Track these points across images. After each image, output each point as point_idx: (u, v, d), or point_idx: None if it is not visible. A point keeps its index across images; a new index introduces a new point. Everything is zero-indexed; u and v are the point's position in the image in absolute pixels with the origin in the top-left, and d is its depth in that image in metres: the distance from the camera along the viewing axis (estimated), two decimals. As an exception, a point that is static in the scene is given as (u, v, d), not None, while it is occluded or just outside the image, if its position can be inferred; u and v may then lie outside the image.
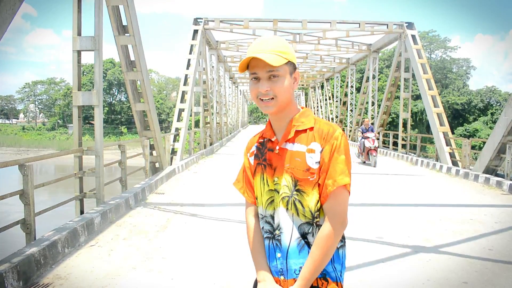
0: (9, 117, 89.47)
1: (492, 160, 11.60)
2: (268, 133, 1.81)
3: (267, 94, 1.68)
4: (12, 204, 10.08)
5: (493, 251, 5.47)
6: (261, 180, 1.79)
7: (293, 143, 1.73)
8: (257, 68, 1.67)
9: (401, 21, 19.24)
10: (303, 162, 1.69)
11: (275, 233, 1.74)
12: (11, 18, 4.29)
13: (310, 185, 1.68)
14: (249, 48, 1.72)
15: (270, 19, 19.60)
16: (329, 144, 1.68)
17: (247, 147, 1.93)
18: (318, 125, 1.74)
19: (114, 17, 9.30)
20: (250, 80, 1.74)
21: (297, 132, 1.74)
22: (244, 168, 1.93)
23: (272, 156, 1.76)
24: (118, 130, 67.41)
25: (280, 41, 1.71)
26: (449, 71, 57.02)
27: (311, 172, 1.67)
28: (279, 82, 1.67)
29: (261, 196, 1.79)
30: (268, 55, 1.64)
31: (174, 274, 4.55)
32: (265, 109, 1.71)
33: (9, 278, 3.93)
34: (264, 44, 1.68)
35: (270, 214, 1.75)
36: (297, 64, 1.83)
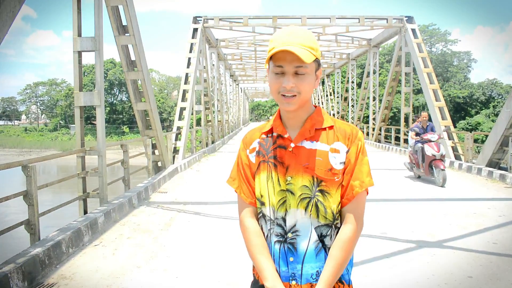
0: (11, 118, 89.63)
1: (495, 153, 11.58)
2: (279, 128, 1.68)
3: (291, 91, 1.57)
4: (11, 206, 10.10)
5: (498, 244, 5.47)
6: (268, 179, 1.66)
7: (312, 142, 1.64)
8: (284, 62, 1.56)
9: (401, 15, 19.18)
10: (325, 161, 1.61)
11: (287, 236, 1.63)
12: (11, 20, 4.29)
13: (335, 186, 1.62)
14: (275, 37, 1.59)
15: (269, 16, 19.57)
16: (354, 145, 1.64)
17: (245, 143, 1.80)
18: (338, 125, 1.68)
19: (114, 17, 9.30)
20: (271, 72, 1.62)
21: (316, 130, 1.66)
22: (240, 166, 1.78)
23: (284, 154, 1.65)
24: (120, 130, 67.43)
25: (309, 35, 1.60)
26: (450, 65, 56.86)
27: (333, 172, 1.61)
28: (306, 79, 1.58)
29: (269, 196, 1.66)
30: (300, 50, 1.53)
31: (178, 272, 4.56)
32: (286, 105, 1.60)
33: (14, 279, 3.94)
34: (293, 36, 1.56)
35: (281, 216, 1.64)
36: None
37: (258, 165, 1.71)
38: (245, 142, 1.80)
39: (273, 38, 1.60)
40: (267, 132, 1.74)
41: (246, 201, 1.75)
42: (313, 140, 1.64)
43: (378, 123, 23.01)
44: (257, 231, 1.72)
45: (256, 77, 45.82)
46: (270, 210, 1.67)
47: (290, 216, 1.62)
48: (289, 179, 1.62)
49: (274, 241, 1.66)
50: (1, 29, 3.92)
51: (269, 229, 1.68)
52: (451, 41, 58.63)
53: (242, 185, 1.77)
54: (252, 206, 1.75)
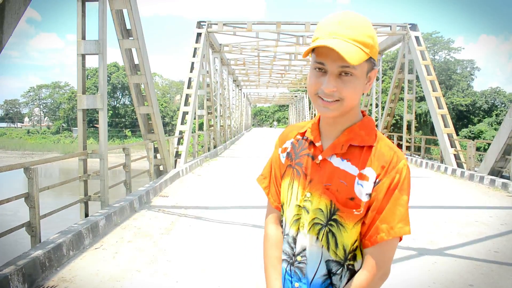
0: (14, 121, 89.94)
1: (497, 161, 11.55)
2: (313, 133, 1.43)
3: (331, 95, 1.28)
4: (12, 208, 10.09)
5: (499, 253, 5.45)
6: (290, 187, 1.44)
7: (343, 160, 1.35)
8: (327, 59, 1.26)
9: (405, 23, 19.20)
10: (349, 187, 1.32)
11: (295, 259, 1.40)
12: (16, 22, 4.31)
13: (353, 220, 1.32)
14: (323, 24, 1.29)
15: (273, 22, 19.61)
16: (388, 177, 1.30)
17: (280, 140, 1.56)
18: (380, 147, 1.35)
19: (118, 20, 9.33)
20: (312, 68, 1.32)
21: (350, 147, 1.36)
22: (273, 165, 1.56)
23: (310, 165, 1.40)
24: (122, 133, 67.59)
25: (365, 25, 1.28)
26: (453, 72, 56.83)
27: (356, 203, 1.31)
28: (351, 83, 1.27)
29: (287, 207, 1.45)
30: (347, 46, 1.22)
31: (179, 277, 4.55)
32: (324, 110, 1.31)
33: (14, 281, 3.94)
34: (343, 25, 1.25)
35: (292, 235, 1.41)
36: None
37: (286, 168, 1.48)
38: (280, 140, 1.56)
39: (320, 24, 1.31)
40: (303, 133, 1.49)
41: (273, 205, 1.55)
42: (344, 158, 1.35)
43: (380, 130, 22.98)
44: (276, 242, 1.51)
45: (259, 83, 45.88)
46: (284, 223, 1.48)
47: (300, 237, 1.39)
48: (308, 196, 1.37)
49: (283, 258, 1.46)
50: (6, 31, 3.94)
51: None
52: (455, 49, 58.65)
53: (271, 186, 1.57)
54: (277, 211, 1.55)
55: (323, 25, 1.28)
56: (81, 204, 7.32)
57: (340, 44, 1.21)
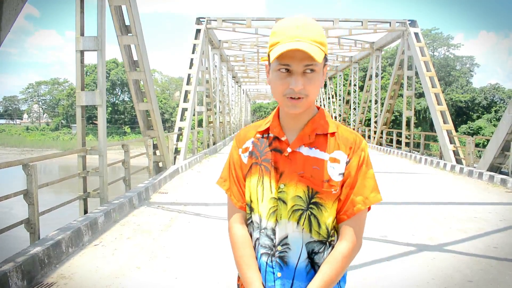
0: (13, 117, 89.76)
1: (496, 157, 11.56)
2: (276, 130, 1.51)
3: (299, 93, 1.38)
4: (11, 205, 10.08)
5: (498, 249, 5.45)
6: (259, 184, 1.50)
7: (311, 148, 1.47)
8: (293, 60, 1.35)
9: (404, 19, 19.21)
10: (323, 171, 1.44)
11: (276, 249, 1.46)
12: (14, 19, 4.29)
13: (331, 199, 1.45)
14: (280, 29, 1.39)
15: (272, 18, 19.60)
16: (356, 156, 1.47)
17: (238, 141, 1.62)
18: (341, 132, 1.51)
19: (116, 17, 9.31)
20: (274, 70, 1.41)
21: (316, 135, 1.48)
22: (232, 166, 1.62)
23: (279, 159, 1.48)
24: (121, 130, 67.51)
25: (319, 28, 1.40)
26: (452, 69, 56.82)
27: (331, 184, 1.44)
28: (315, 79, 1.39)
29: (259, 202, 1.50)
30: (311, 47, 1.34)
31: (178, 273, 4.55)
32: (293, 108, 1.41)
33: (13, 278, 3.93)
34: (302, 29, 1.36)
35: (271, 226, 1.47)
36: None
37: (250, 167, 1.54)
38: (238, 140, 1.62)
39: (277, 29, 1.40)
40: (263, 131, 1.57)
41: (236, 205, 1.59)
42: (312, 147, 1.47)
43: (379, 126, 23.00)
44: (246, 240, 1.56)
45: (259, 79, 45.85)
46: (258, 218, 1.51)
47: (280, 227, 1.46)
48: (282, 187, 1.46)
49: (261, 252, 1.50)
50: (4, 27, 3.92)
51: (257, 237, 1.53)
52: (454, 46, 58.61)
53: (232, 187, 1.61)
54: (242, 211, 1.59)
55: (282, 30, 1.38)
56: (80, 200, 7.31)
57: (306, 45, 1.33)
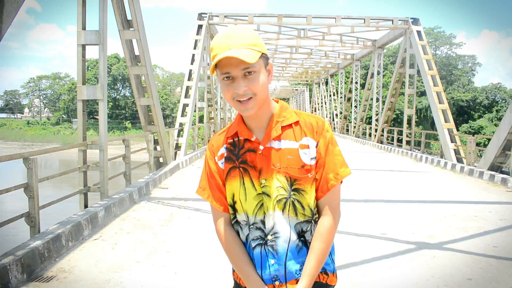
0: (14, 111, 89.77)
1: (497, 157, 11.54)
2: (245, 132, 1.62)
3: (245, 95, 1.50)
4: (11, 199, 10.11)
5: (498, 248, 5.45)
6: (241, 184, 1.61)
7: (280, 141, 1.59)
8: (230, 67, 1.48)
9: (406, 17, 19.14)
10: (297, 159, 1.57)
11: (267, 238, 1.59)
12: (15, 12, 4.28)
13: (309, 183, 1.59)
14: (215, 43, 1.52)
15: (274, 15, 19.54)
16: (323, 137, 1.60)
17: (211, 150, 1.72)
18: (303, 118, 1.64)
19: (118, 11, 9.29)
20: (221, 80, 1.53)
21: (282, 128, 1.61)
22: (209, 174, 1.71)
23: (254, 157, 1.59)
24: (122, 125, 67.50)
25: (249, 32, 1.52)
26: (454, 68, 56.71)
27: (306, 169, 1.58)
28: (257, 78, 1.50)
29: (244, 202, 1.61)
30: (241, 51, 1.46)
31: (177, 268, 4.55)
32: (245, 111, 1.54)
33: (13, 271, 3.94)
34: (232, 38, 1.49)
35: (260, 219, 1.60)
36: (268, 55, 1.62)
37: (229, 171, 1.64)
38: (212, 150, 1.72)
39: (213, 44, 1.53)
40: (233, 136, 1.67)
41: (220, 209, 1.70)
42: (281, 139, 1.60)
43: (380, 124, 22.97)
44: (235, 238, 1.68)
45: (259, 76, 45.70)
46: (244, 216, 1.63)
47: (268, 218, 1.58)
48: (264, 182, 1.58)
49: (253, 245, 1.62)
50: (5, 20, 3.91)
51: (247, 234, 1.64)
52: (456, 44, 58.50)
53: (214, 194, 1.70)
54: (226, 213, 1.70)
55: (216, 44, 1.51)
56: (81, 195, 7.32)
57: (236, 51, 1.45)
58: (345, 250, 5.12)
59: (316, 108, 48.22)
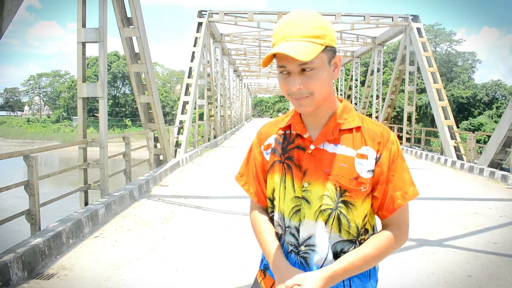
0: (14, 109, 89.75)
1: (497, 154, 11.55)
2: (298, 127, 1.46)
3: (300, 93, 1.33)
4: (12, 197, 10.10)
5: (498, 244, 5.46)
6: (282, 182, 1.45)
7: (336, 145, 1.41)
8: (286, 61, 1.31)
9: (406, 14, 19.12)
10: (351, 168, 1.38)
11: (300, 249, 1.43)
12: (16, 8, 4.28)
13: (361, 197, 1.40)
14: (276, 29, 1.35)
15: (274, 12, 19.50)
16: (387, 150, 1.40)
17: (259, 138, 1.58)
18: (367, 125, 1.44)
19: (118, 8, 9.27)
20: (279, 73, 1.37)
21: (340, 131, 1.42)
22: (252, 163, 1.59)
23: (302, 156, 1.43)
24: (122, 123, 67.52)
25: (314, 18, 1.32)
26: (454, 65, 56.63)
27: (360, 181, 1.38)
28: (315, 76, 1.32)
29: (281, 201, 1.46)
30: (298, 46, 1.28)
31: (178, 265, 4.56)
32: (299, 108, 1.38)
33: (14, 268, 3.94)
34: (292, 26, 1.31)
35: (295, 225, 1.44)
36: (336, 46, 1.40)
37: (273, 164, 1.50)
38: (260, 138, 1.58)
39: (274, 31, 1.37)
40: (285, 128, 1.52)
41: (254, 200, 1.60)
42: (337, 143, 1.41)
43: (381, 121, 22.95)
44: (267, 220, 1.55)
45: (260, 73, 45.76)
46: (279, 216, 1.49)
47: (304, 227, 1.42)
48: (306, 186, 1.41)
49: (288, 250, 1.47)
50: (5, 17, 3.91)
51: (281, 234, 1.50)
52: (456, 41, 58.41)
53: (251, 184, 1.60)
54: (261, 205, 1.59)
55: (277, 30, 1.35)
56: (81, 192, 7.32)
57: (290, 46, 1.27)
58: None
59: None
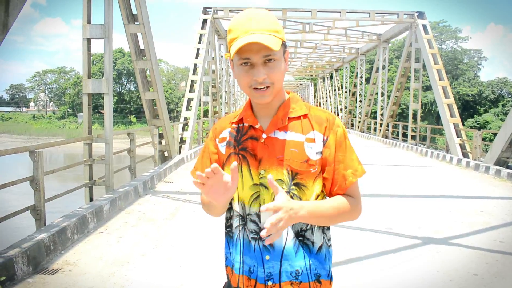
0: (20, 105, 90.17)
1: (504, 152, 11.48)
2: (250, 119, 1.54)
3: (263, 83, 1.41)
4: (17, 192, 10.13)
5: (504, 243, 5.43)
6: (239, 172, 1.50)
7: (286, 132, 1.50)
8: (251, 53, 1.38)
9: (412, 11, 19.04)
10: (301, 152, 1.47)
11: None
12: (22, 4, 4.28)
13: (311, 178, 1.49)
14: (234, 25, 1.42)
15: (279, 9, 19.50)
16: (333, 133, 1.51)
17: (214, 132, 1.65)
18: (313, 112, 1.55)
19: (123, 5, 9.28)
20: (237, 65, 1.44)
21: (289, 119, 1.52)
22: (207, 156, 1.63)
23: (256, 146, 1.50)
24: (127, 119, 67.61)
25: (270, 17, 1.44)
26: (460, 62, 56.39)
27: (310, 163, 1.47)
28: (276, 67, 1.42)
29: (240, 190, 1.52)
30: (265, 37, 1.36)
31: (182, 261, 4.56)
32: (261, 99, 1.45)
33: (19, 263, 3.96)
34: (254, 21, 1.39)
35: (255, 212, 1.50)
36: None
37: (228, 156, 1.56)
38: (215, 132, 1.64)
39: (232, 25, 1.43)
40: (238, 121, 1.59)
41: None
42: (287, 130, 1.50)
43: (385, 119, 22.90)
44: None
45: (264, 70, 45.60)
46: (239, 206, 1.54)
47: (264, 212, 1.44)
48: (263, 173, 1.48)
49: (250, 237, 1.51)
50: (11, 13, 3.91)
51: (238, 225, 1.54)
52: (462, 39, 58.18)
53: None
54: None
55: (236, 26, 1.41)
56: (86, 188, 7.34)
57: (260, 37, 1.36)
58: (349, 245, 5.12)
59: (320, 103, 48.15)
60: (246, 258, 1.51)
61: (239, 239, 1.54)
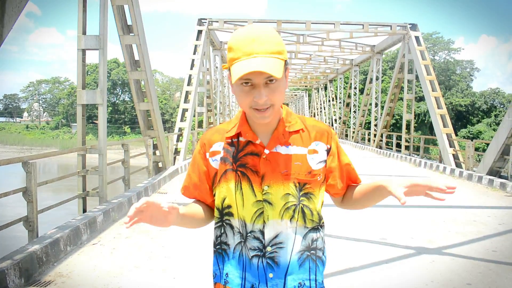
0: (13, 115, 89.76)
1: (496, 161, 11.55)
2: (249, 134, 1.50)
3: (265, 104, 1.38)
4: (10, 203, 10.06)
5: (497, 252, 5.45)
6: (238, 189, 1.49)
7: (287, 146, 1.50)
8: (253, 75, 1.34)
9: (405, 23, 19.22)
10: (305, 164, 1.50)
11: (266, 250, 1.46)
12: (16, 15, 4.29)
13: (318, 186, 1.53)
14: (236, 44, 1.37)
15: (274, 20, 19.63)
16: (334, 142, 1.57)
17: (202, 145, 1.60)
18: (310, 124, 1.57)
19: (119, 16, 9.32)
20: (238, 85, 1.39)
21: (289, 133, 1.52)
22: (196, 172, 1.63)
23: (257, 162, 1.48)
24: (121, 130, 67.51)
25: (274, 36, 1.38)
26: (452, 73, 56.80)
27: (313, 173, 1.50)
28: (278, 88, 1.39)
29: (240, 208, 1.49)
30: (267, 62, 1.33)
31: (176, 273, 4.54)
32: (261, 119, 1.42)
33: (11, 275, 3.93)
34: (257, 42, 1.34)
35: (259, 228, 1.47)
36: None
37: (224, 173, 1.52)
38: (204, 145, 1.59)
39: (233, 44, 1.38)
40: (232, 136, 1.55)
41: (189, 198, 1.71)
42: (288, 145, 1.50)
43: (379, 129, 23.00)
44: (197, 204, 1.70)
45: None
46: (239, 223, 1.50)
47: (269, 228, 1.46)
48: (266, 189, 1.47)
49: (251, 256, 1.48)
50: (6, 24, 3.92)
51: (239, 242, 1.51)
52: (454, 50, 58.63)
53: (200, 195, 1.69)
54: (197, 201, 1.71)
55: (238, 46, 1.36)
56: (79, 199, 7.30)
57: (263, 62, 1.32)
58: (344, 255, 5.12)
59: (315, 114, 48.27)
60: (248, 275, 1.49)
61: (241, 256, 1.51)
